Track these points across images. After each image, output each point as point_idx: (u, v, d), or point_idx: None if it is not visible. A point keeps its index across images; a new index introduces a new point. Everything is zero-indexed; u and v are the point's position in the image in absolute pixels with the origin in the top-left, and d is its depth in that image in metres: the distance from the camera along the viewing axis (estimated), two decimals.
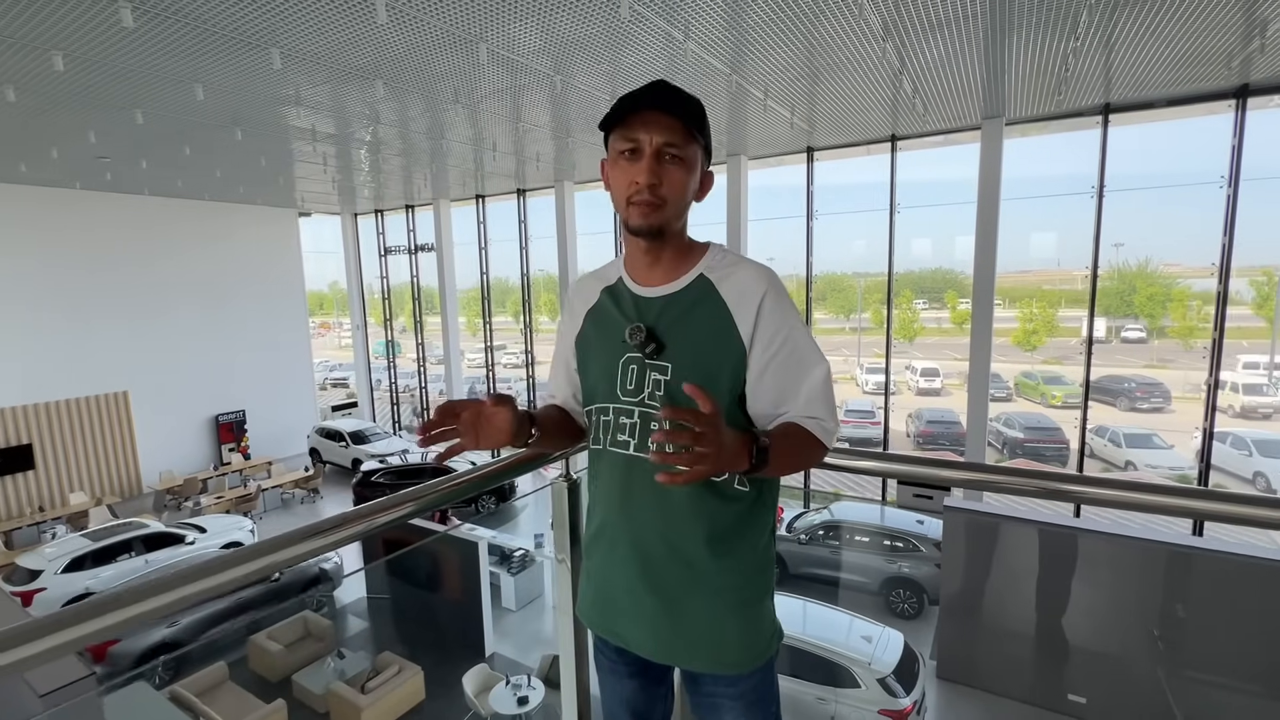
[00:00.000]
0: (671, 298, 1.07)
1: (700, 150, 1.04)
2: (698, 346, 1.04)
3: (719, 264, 1.08)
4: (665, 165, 1.01)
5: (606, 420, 1.11)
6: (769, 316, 1.02)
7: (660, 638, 1.10)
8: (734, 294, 1.04)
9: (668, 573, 1.07)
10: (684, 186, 1.03)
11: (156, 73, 5.32)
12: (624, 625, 1.14)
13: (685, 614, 1.07)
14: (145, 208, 12.13)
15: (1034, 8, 4.49)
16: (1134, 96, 6.79)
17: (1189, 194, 10.42)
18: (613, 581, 1.14)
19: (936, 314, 19.96)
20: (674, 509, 1.05)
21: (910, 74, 5.89)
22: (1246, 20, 4.82)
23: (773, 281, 1.04)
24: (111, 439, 11.99)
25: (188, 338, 12.99)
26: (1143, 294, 16.22)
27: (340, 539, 1.01)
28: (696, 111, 1.03)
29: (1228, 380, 13.16)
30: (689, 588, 1.06)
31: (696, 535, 1.05)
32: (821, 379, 1.03)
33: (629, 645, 1.16)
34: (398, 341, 16.48)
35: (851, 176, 13.51)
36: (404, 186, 12.28)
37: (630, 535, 1.10)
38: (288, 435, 14.71)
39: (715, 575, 1.06)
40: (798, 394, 1.02)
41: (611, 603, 1.15)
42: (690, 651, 1.09)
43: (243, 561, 0.92)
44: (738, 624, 1.08)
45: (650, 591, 1.09)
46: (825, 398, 1.03)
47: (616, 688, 1.23)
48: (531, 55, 5.23)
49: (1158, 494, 1.05)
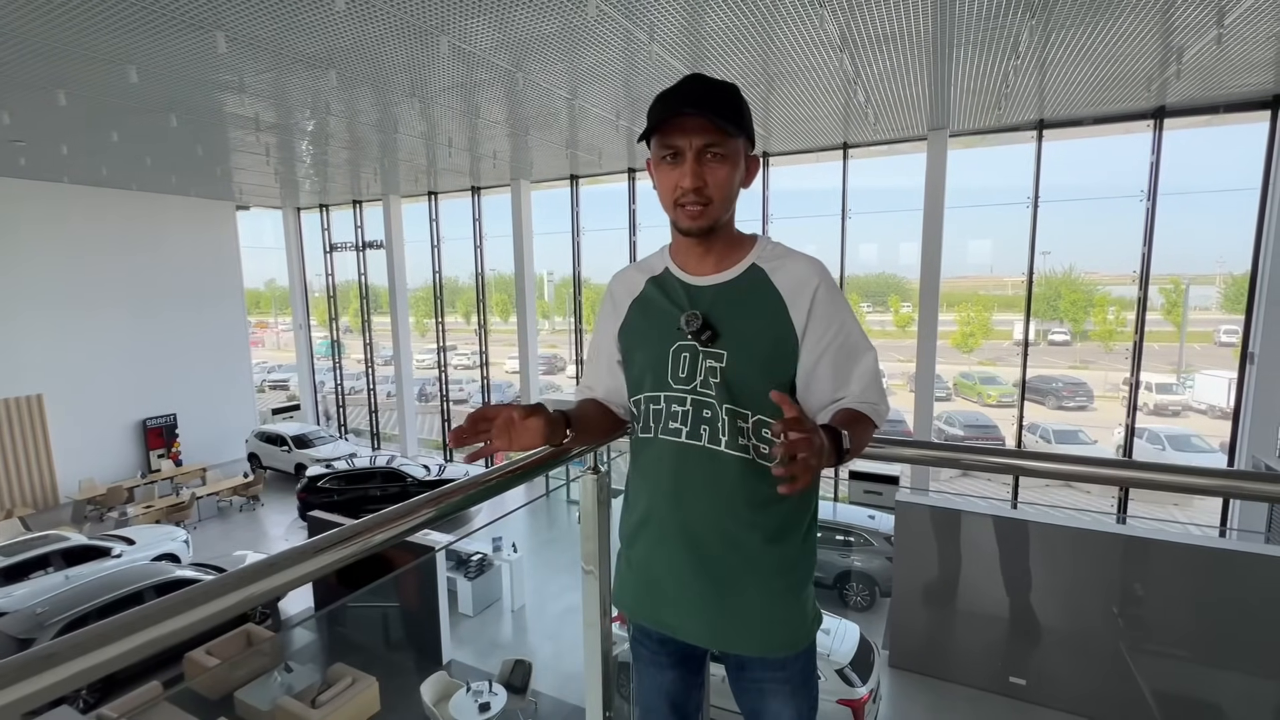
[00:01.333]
0: (724, 286, 1.08)
1: (743, 141, 1.05)
2: (753, 334, 1.05)
3: (770, 254, 1.09)
4: (708, 165, 1.01)
5: (657, 409, 1.11)
6: (822, 307, 1.04)
7: (712, 624, 1.11)
8: (788, 284, 1.05)
9: (721, 559, 1.08)
10: (729, 183, 1.03)
11: (84, 51, 4.95)
12: (671, 613, 1.14)
13: (738, 599, 1.08)
14: (65, 197, 11.27)
15: (978, 26, 4.74)
16: (1065, 114, 7.26)
17: (1111, 206, 11.20)
18: (660, 569, 1.13)
19: (880, 317, 20.74)
20: (728, 497, 1.06)
21: (863, 84, 6.11)
22: (1163, 47, 5.23)
23: (824, 273, 1.06)
24: (23, 446, 11.07)
25: (112, 337, 12.13)
26: (1067, 299, 17.32)
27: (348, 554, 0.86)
28: (733, 104, 1.02)
29: (1143, 380, 14.22)
30: (742, 573, 1.08)
31: (750, 522, 1.07)
32: (872, 365, 1.06)
33: (676, 633, 1.16)
34: (342, 341, 15.89)
35: (802, 182, 13.88)
36: (352, 181, 11.86)
37: (680, 523, 1.10)
38: (224, 440, 13.95)
39: (767, 561, 1.08)
40: (850, 380, 1.05)
41: (658, 591, 1.15)
42: (743, 637, 1.11)
43: (226, 592, 0.74)
44: (786, 608, 1.10)
45: (703, 578, 1.09)
46: (876, 383, 1.07)
47: (656, 678, 1.23)
48: (491, 50, 5.15)
49: (1092, 465, 1.17)
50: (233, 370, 14.46)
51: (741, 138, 1.04)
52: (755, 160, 1.10)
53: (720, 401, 1.05)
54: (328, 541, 0.85)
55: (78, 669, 0.63)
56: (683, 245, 1.13)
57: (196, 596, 0.72)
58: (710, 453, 1.06)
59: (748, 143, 1.07)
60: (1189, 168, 9.55)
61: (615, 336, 1.19)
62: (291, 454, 13.05)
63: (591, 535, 1.37)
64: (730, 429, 1.04)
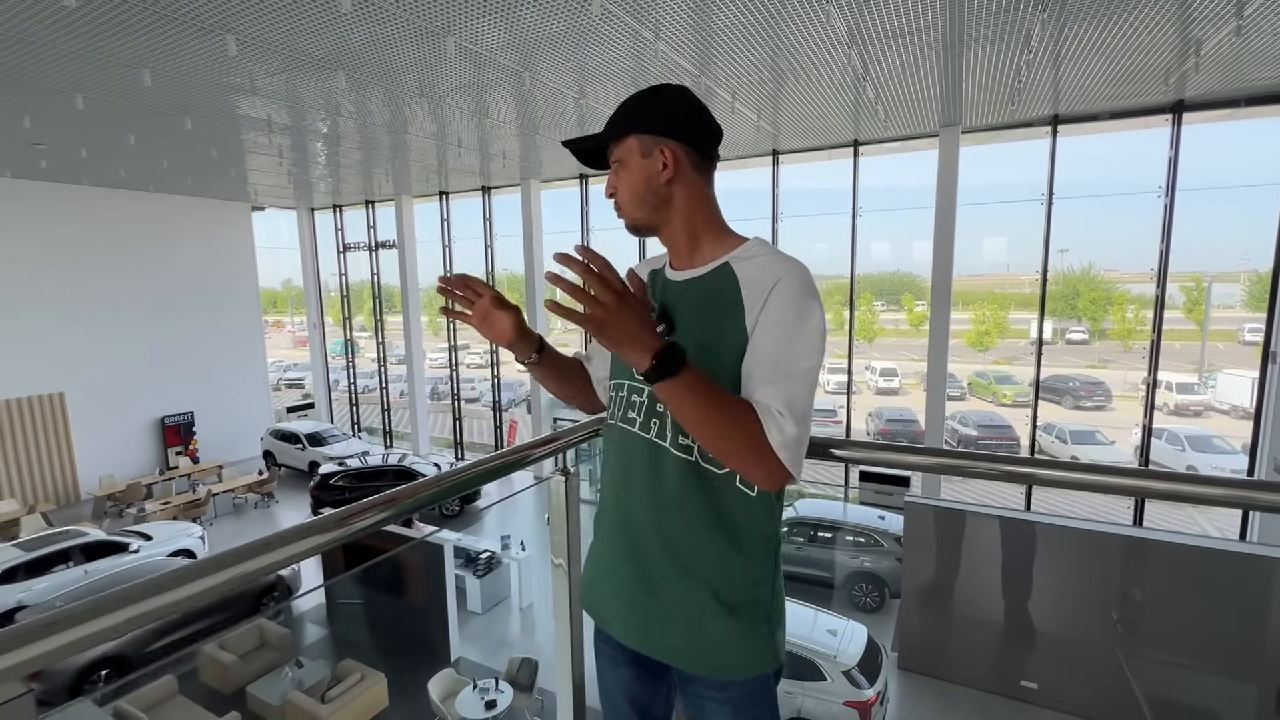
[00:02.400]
0: (691, 282, 1.07)
1: (633, 141, 1.06)
2: (704, 328, 1.01)
3: (746, 254, 1.04)
4: (615, 174, 1.09)
5: (620, 396, 1.12)
6: (775, 301, 0.95)
7: (640, 626, 1.09)
8: (749, 279, 1.00)
9: (652, 558, 1.05)
10: (630, 187, 1.07)
11: (100, 56, 5.04)
12: (609, 609, 1.14)
13: (666, 605, 1.05)
14: (85, 199, 11.50)
15: (989, 21, 4.67)
16: (1080, 109, 7.13)
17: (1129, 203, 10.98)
18: (604, 562, 1.14)
19: (894, 316, 20.55)
20: (667, 496, 1.04)
21: (873, 80, 6.05)
22: (1182, 40, 5.12)
23: (794, 274, 0.96)
24: (46, 443, 11.31)
25: (131, 336, 12.36)
26: (1086, 298, 17.05)
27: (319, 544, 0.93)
28: (613, 116, 1.07)
29: (1163, 380, 13.94)
30: (670, 576, 1.04)
31: (681, 519, 1.03)
32: (803, 373, 0.93)
33: (612, 630, 1.14)
34: (356, 341, 16.05)
35: (814, 180, 13.77)
36: (364, 181, 11.96)
37: (623, 515, 1.10)
38: (240, 438, 14.15)
39: (704, 571, 1.03)
40: (774, 380, 0.93)
41: (602, 585, 1.15)
42: (670, 646, 1.07)
43: (208, 573, 0.81)
44: (722, 626, 1.03)
45: (633, 575, 1.08)
46: (797, 393, 0.92)
47: (614, 675, 1.21)
48: (498, 50, 5.16)
49: (1105, 475, 1.11)
50: (248, 369, 14.66)
51: (630, 137, 1.06)
52: (671, 150, 1.04)
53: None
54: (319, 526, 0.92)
55: (76, 636, 0.69)
56: (666, 243, 1.14)
57: (191, 572, 0.79)
58: (656, 447, 1.04)
59: (649, 137, 1.04)
60: (1211, 163, 9.35)
61: None
62: (305, 452, 13.21)
63: (560, 530, 1.40)
64: (675, 426, 1.02)
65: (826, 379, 18.29)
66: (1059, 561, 5.01)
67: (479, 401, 18.00)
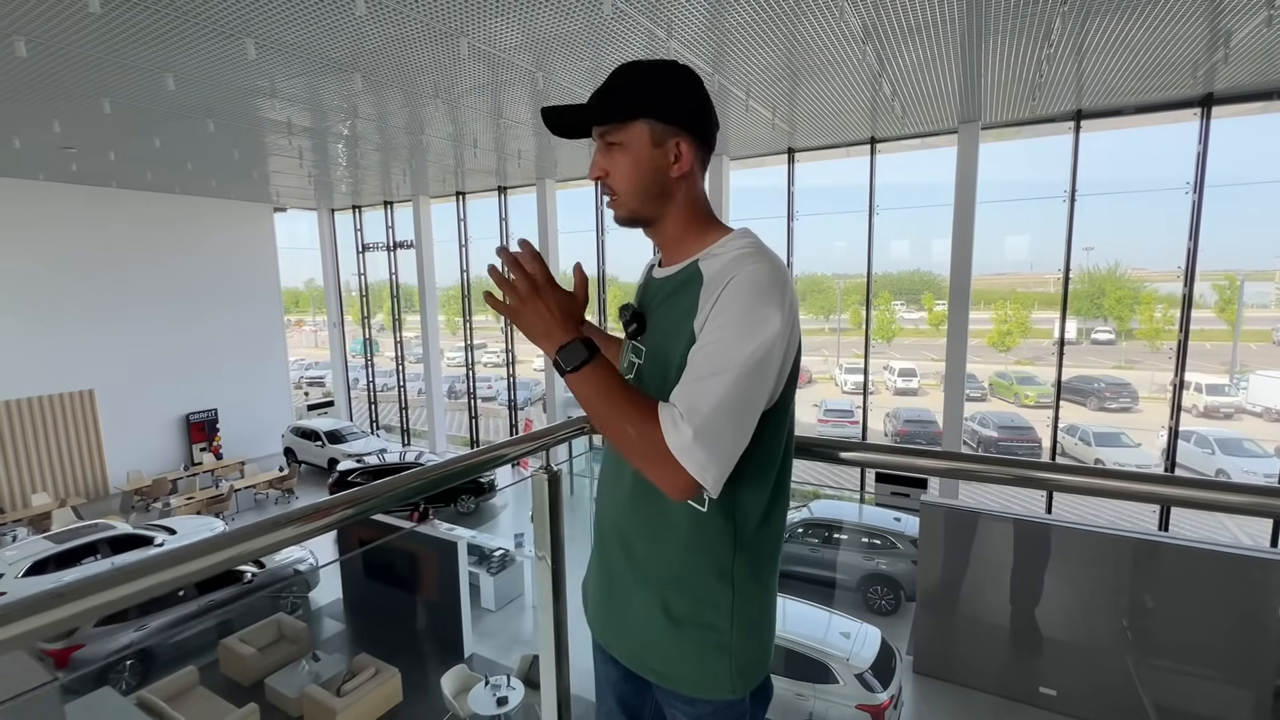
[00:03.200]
0: (666, 280, 1.03)
1: (643, 126, 0.94)
2: (666, 330, 0.98)
3: (719, 249, 0.96)
4: (609, 154, 0.97)
5: None
6: (721, 302, 0.87)
7: (607, 625, 1.10)
8: (709, 278, 0.92)
9: (615, 558, 1.06)
10: (632, 172, 0.96)
11: (125, 61, 5.17)
12: (593, 612, 1.15)
13: (626, 605, 1.04)
14: (113, 201, 11.79)
15: (1009, 14, 4.57)
16: (1104, 103, 6.96)
17: (1156, 199, 10.70)
18: (591, 562, 1.15)
19: (914, 315, 20.28)
20: (622, 489, 1.03)
21: (889, 77, 5.97)
22: (1211, 31, 4.97)
23: (751, 273, 0.87)
24: (76, 438, 11.63)
25: (158, 335, 12.66)
26: (1112, 297, 16.68)
27: (313, 529, 0.99)
28: (620, 84, 0.94)
29: (1192, 381, 13.58)
30: (629, 578, 1.03)
31: (635, 522, 1.02)
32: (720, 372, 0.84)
33: (594, 632, 1.15)
34: (375, 340, 16.26)
35: (831, 178, 13.65)
36: (382, 182, 12.11)
37: (600, 516, 1.11)
38: (262, 435, 14.42)
39: (649, 573, 1.00)
40: (683, 382, 0.86)
41: (590, 584, 1.16)
42: (629, 648, 1.06)
43: (206, 553, 0.86)
44: (671, 638, 0.99)
45: (603, 574, 1.09)
46: (698, 397, 0.83)
47: (605, 671, 1.21)
48: (512, 51, 5.19)
49: (1128, 480, 1.07)
50: (270, 367, 14.92)
51: (639, 121, 0.94)
52: (686, 145, 0.96)
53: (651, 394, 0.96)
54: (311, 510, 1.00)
55: (85, 607, 0.74)
56: (654, 237, 1.08)
57: (198, 549, 0.85)
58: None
59: (664, 126, 0.95)
60: (1243, 158, 9.08)
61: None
62: (325, 449, 13.42)
63: (543, 524, 1.43)
64: None
65: (845, 379, 18.11)
66: (1076, 565, 4.90)
67: (495, 400, 18.13)
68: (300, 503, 10.81)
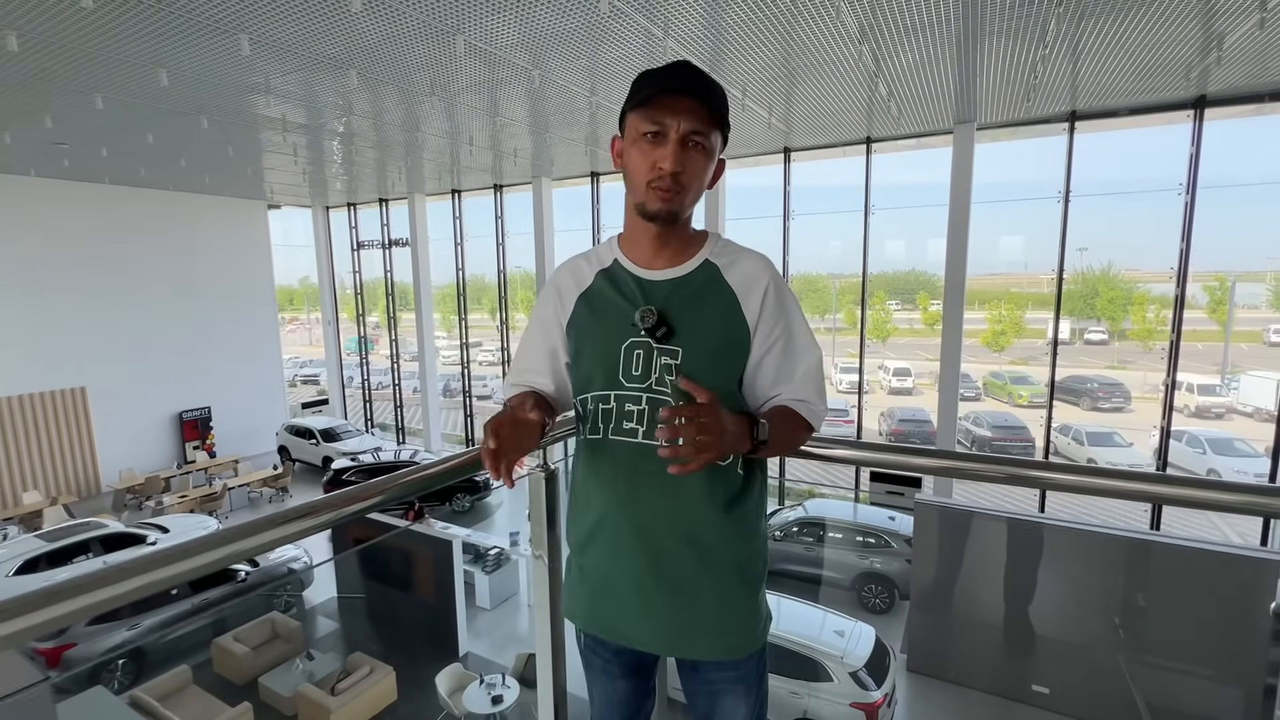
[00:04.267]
0: (678, 282, 1.06)
1: (721, 139, 1.05)
2: (707, 331, 1.04)
3: (723, 251, 1.10)
4: (689, 152, 0.99)
5: (607, 409, 1.07)
6: (772, 304, 1.05)
7: (669, 631, 1.08)
8: (740, 281, 1.06)
9: (678, 562, 1.06)
10: (704, 174, 1.03)
11: (118, 56, 5.13)
12: (627, 622, 1.11)
13: (695, 603, 1.07)
14: (106, 197, 11.71)
15: (1005, 15, 4.59)
16: (1098, 105, 6.99)
17: (1149, 200, 10.76)
18: (616, 576, 1.10)
19: (909, 315, 20.34)
20: (684, 495, 1.05)
21: (885, 77, 5.98)
22: (1204, 33, 5.00)
23: (774, 271, 1.08)
24: (68, 436, 11.56)
25: (151, 332, 12.58)
26: (1105, 297, 16.76)
27: (305, 528, 0.97)
28: (722, 98, 1.02)
29: (1184, 381, 13.66)
30: (699, 576, 1.06)
31: (706, 520, 1.06)
32: (814, 365, 1.07)
33: (631, 641, 1.13)
34: (370, 338, 16.20)
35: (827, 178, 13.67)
36: (378, 180, 12.06)
37: (636, 527, 1.06)
38: (256, 433, 14.35)
39: (724, 561, 1.07)
40: (791, 378, 1.06)
41: (613, 599, 1.11)
42: (701, 642, 1.09)
43: (202, 551, 0.86)
44: (742, 609, 1.10)
45: (660, 584, 1.06)
46: (816, 383, 1.07)
47: (609, 688, 1.21)
48: (509, 49, 5.18)
49: (1120, 479, 1.09)
50: (265, 365, 14.86)
51: (722, 135, 1.04)
52: (722, 162, 1.08)
53: (676, 400, 1.01)
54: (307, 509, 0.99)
55: (79, 606, 0.73)
56: (638, 236, 1.09)
57: (190, 548, 0.85)
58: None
59: (723, 142, 1.06)
60: (1235, 159, 9.13)
61: (564, 331, 1.14)
62: (319, 447, 13.37)
63: (540, 523, 1.42)
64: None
65: (840, 378, 18.16)
66: (1069, 564, 4.93)
67: (491, 399, 18.09)
68: (294, 501, 10.79)
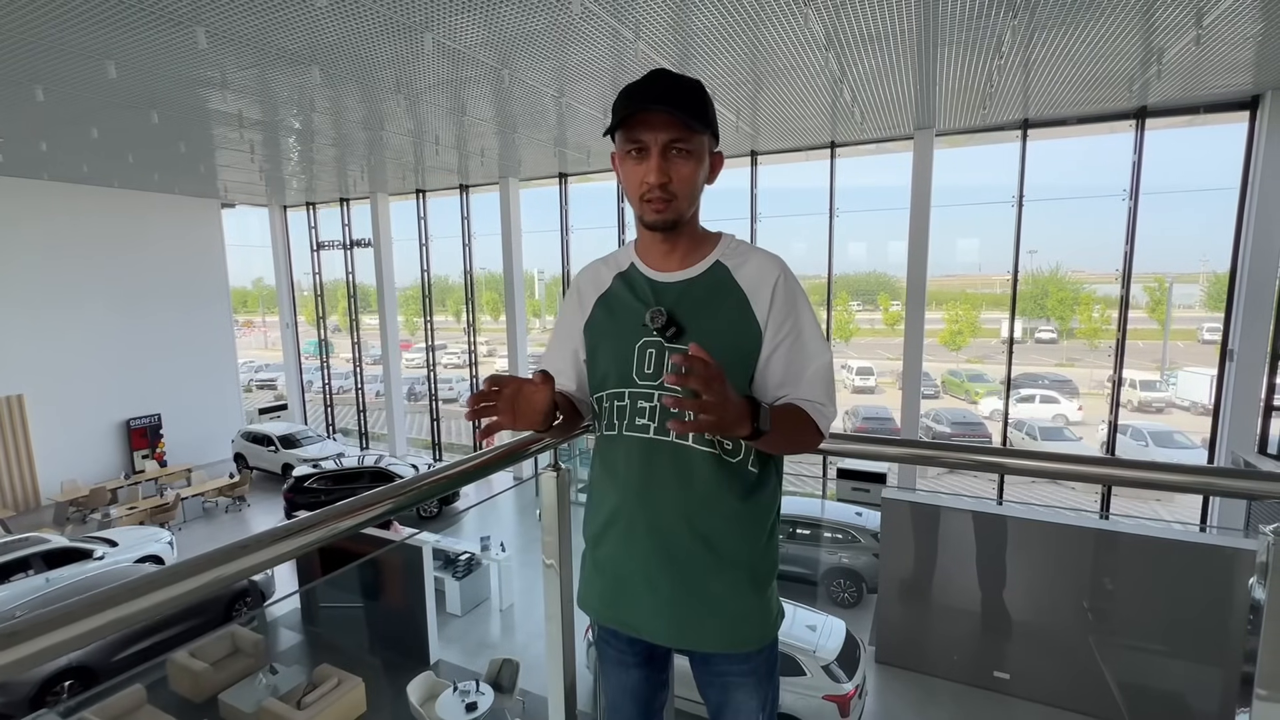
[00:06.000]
0: (689, 283, 1.09)
1: (707, 137, 1.05)
2: (717, 331, 1.06)
3: (734, 252, 1.11)
4: (673, 160, 1.02)
5: (621, 405, 1.10)
6: (781, 302, 1.05)
7: (681, 624, 1.10)
8: (750, 281, 1.07)
9: (690, 556, 1.07)
10: (693, 179, 1.04)
11: (62, 46, 4.88)
12: (639, 614, 1.13)
13: (707, 596, 1.08)
14: (45, 194, 11.10)
15: (962, 26, 4.77)
16: (1049, 114, 7.31)
17: (1095, 205, 11.30)
18: (628, 569, 1.13)
19: (870, 315, 20.84)
20: (698, 492, 1.06)
21: (849, 83, 6.13)
22: (1145, 48, 5.29)
23: (785, 270, 1.08)
24: (3, 447, 10.91)
25: (95, 336, 11.98)
26: (1054, 298, 17.50)
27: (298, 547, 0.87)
28: (699, 100, 1.02)
29: (1127, 377, 14.38)
30: (711, 570, 1.07)
31: (718, 514, 1.07)
32: (824, 366, 1.06)
33: (642, 633, 1.15)
34: (331, 341, 15.76)
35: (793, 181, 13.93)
36: (339, 179, 11.76)
37: (649, 520, 1.09)
38: (210, 440, 13.80)
39: (735, 556, 1.08)
40: (800, 378, 1.05)
41: (625, 592, 1.14)
42: (712, 634, 1.11)
43: (181, 579, 0.75)
44: (751, 602, 1.10)
45: (670, 576, 1.08)
46: (826, 384, 1.06)
47: (623, 679, 1.23)
48: (477, 48, 5.12)
49: (1072, 463, 1.16)
50: (219, 370, 14.31)
51: (706, 134, 1.04)
52: (719, 157, 1.11)
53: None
54: (297, 527, 0.88)
55: (41, 646, 0.63)
56: (648, 241, 1.13)
57: (162, 578, 0.74)
58: (678, 448, 1.06)
59: (712, 139, 1.07)
60: (1172, 167, 9.66)
61: (582, 332, 1.18)
62: (278, 454, 12.94)
63: (552, 529, 1.38)
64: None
65: None
66: (1031, 554, 5.14)
67: (457, 402, 17.82)
68: (253, 511, 10.39)
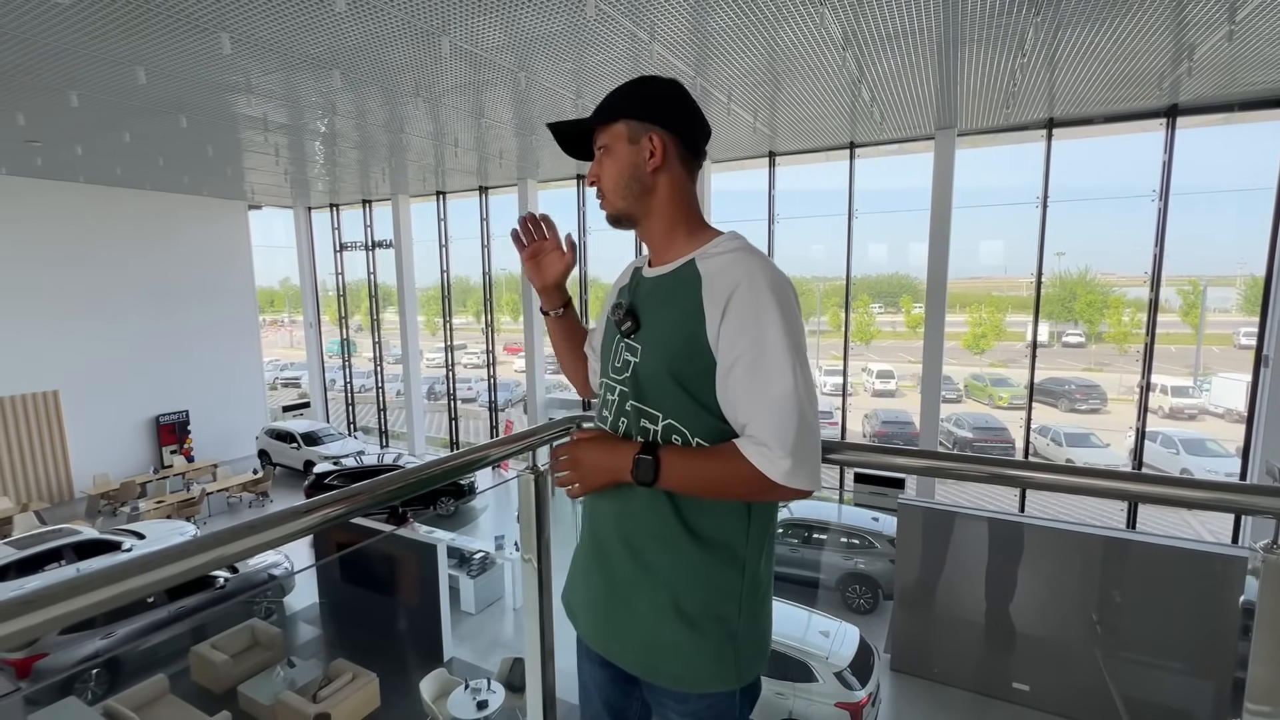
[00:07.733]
0: (659, 279, 1.05)
1: (621, 126, 1.03)
2: (665, 330, 0.99)
3: (714, 250, 0.99)
4: (600, 161, 1.07)
5: (599, 397, 1.13)
6: (735, 311, 0.91)
7: (602, 628, 1.10)
8: (710, 281, 0.95)
9: (617, 563, 1.05)
10: (617, 170, 1.04)
11: (94, 53, 5.03)
12: (580, 609, 1.15)
13: (628, 610, 1.03)
14: (80, 196, 11.46)
15: (984, 24, 4.68)
16: (1075, 112, 7.15)
17: (1125, 206, 11.01)
18: (580, 562, 1.15)
19: (891, 318, 20.57)
20: (629, 500, 1.01)
21: (868, 83, 6.06)
22: (1176, 44, 5.14)
23: (752, 278, 0.91)
24: (40, 441, 11.28)
25: (127, 334, 12.33)
26: (1083, 300, 17.09)
27: (291, 532, 0.95)
28: (611, 95, 1.04)
29: (1158, 383, 13.98)
30: (634, 582, 1.02)
31: (645, 523, 1.01)
32: (783, 396, 0.87)
33: (578, 628, 1.16)
34: (353, 340, 16.02)
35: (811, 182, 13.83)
36: (361, 181, 11.95)
37: (594, 520, 1.11)
38: (235, 436, 14.11)
39: (658, 572, 0.99)
40: (755, 408, 0.89)
41: (578, 585, 1.16)
42: (625, 650, 1.06)
43: (181, 558, 0.82)
44: (678, 636, 0.98)
45: (601, 580, 1.08)
46: (780, 419, 0.87)
47: (591, 675, 1.21)
48: (495, 50, 5.16)
49: (1097, 478, 1.10)
50: (244, 368, 14.63)
51: (618, 122, 1.03)
52: (660, 138, 1.01)
53: (629, 397, 1.02)
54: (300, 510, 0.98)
55: (53, 614, 0.69)
56: (643, 239, 1.11)
57: (171, 554, 0.80)
58: None
59: (638, 124, 1.02)
60: (1207, 166, 9.38)
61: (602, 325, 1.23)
62: (300, 451, 13.18)
63: (529, 526, 1.42)
64: (635, 429, 1.00)
65: (824, 381, 18.29)
66: (1048, 563, 5.02)
67: (475, 401, 17.97)
68: (275, 506, 10.64)
